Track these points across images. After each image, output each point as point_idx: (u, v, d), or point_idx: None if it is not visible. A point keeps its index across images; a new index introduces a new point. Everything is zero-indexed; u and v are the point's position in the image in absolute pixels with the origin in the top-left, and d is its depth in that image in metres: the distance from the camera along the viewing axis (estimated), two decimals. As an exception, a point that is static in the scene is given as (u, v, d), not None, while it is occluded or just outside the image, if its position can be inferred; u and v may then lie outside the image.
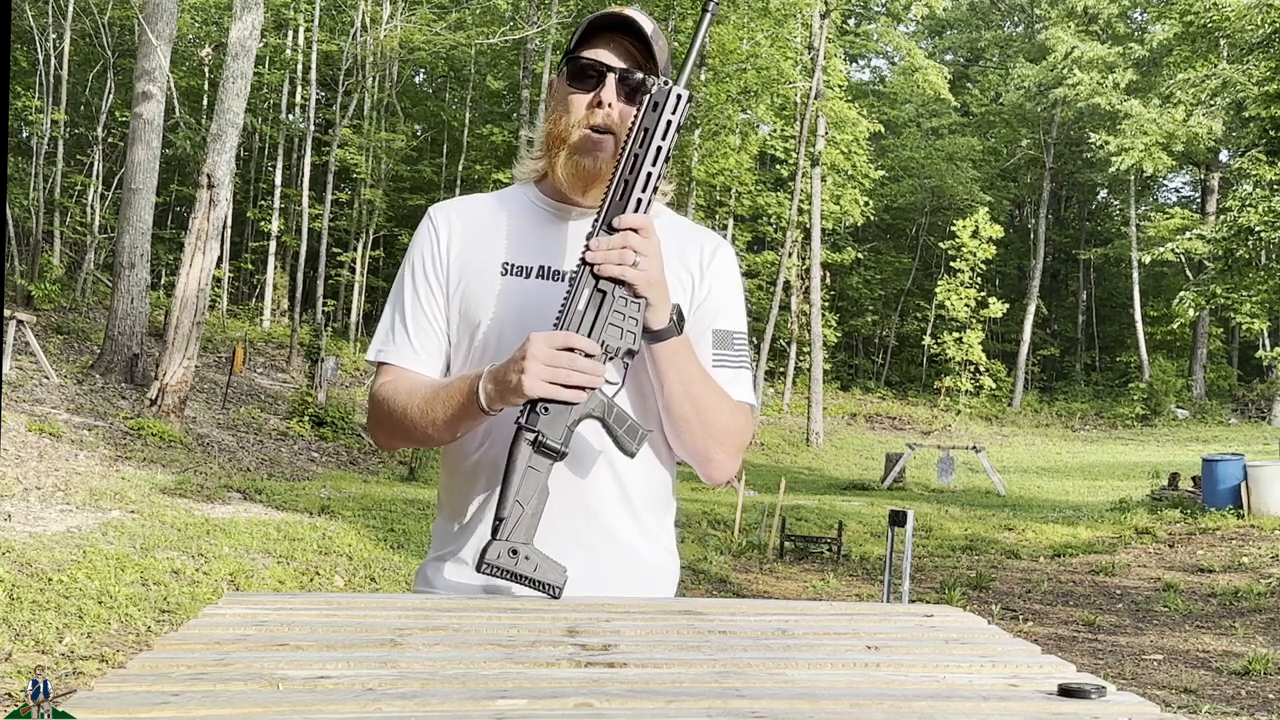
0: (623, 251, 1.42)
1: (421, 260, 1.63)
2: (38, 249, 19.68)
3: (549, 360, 1.40)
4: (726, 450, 1.59)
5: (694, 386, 1.54)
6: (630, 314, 1.45)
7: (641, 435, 1.48)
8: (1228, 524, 11.85)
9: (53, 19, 20.86)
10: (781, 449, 24.30)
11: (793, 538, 10.07)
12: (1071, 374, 40.45)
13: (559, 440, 1.43)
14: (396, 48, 25.02)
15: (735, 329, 1.64)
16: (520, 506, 1.43)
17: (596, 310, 1.44)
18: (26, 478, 8.47)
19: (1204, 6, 16.32)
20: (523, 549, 1.43)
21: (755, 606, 1.49)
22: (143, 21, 14.17)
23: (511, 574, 1.43)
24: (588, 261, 1.44)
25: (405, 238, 29.63)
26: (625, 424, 1.47)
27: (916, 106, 40.27)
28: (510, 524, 1.43)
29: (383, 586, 6.65)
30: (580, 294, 1.45)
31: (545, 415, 1.43)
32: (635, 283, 1.43)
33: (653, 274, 1.44)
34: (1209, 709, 5.17)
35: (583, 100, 1.56)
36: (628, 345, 1.45)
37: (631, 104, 1.55)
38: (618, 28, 1.56)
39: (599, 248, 1.43)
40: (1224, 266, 16.54)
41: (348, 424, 15.20)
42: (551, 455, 1.44)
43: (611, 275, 1.42)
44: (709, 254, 1.65)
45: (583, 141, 1.55)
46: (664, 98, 1.45)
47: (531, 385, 1.40)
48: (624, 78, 1.55)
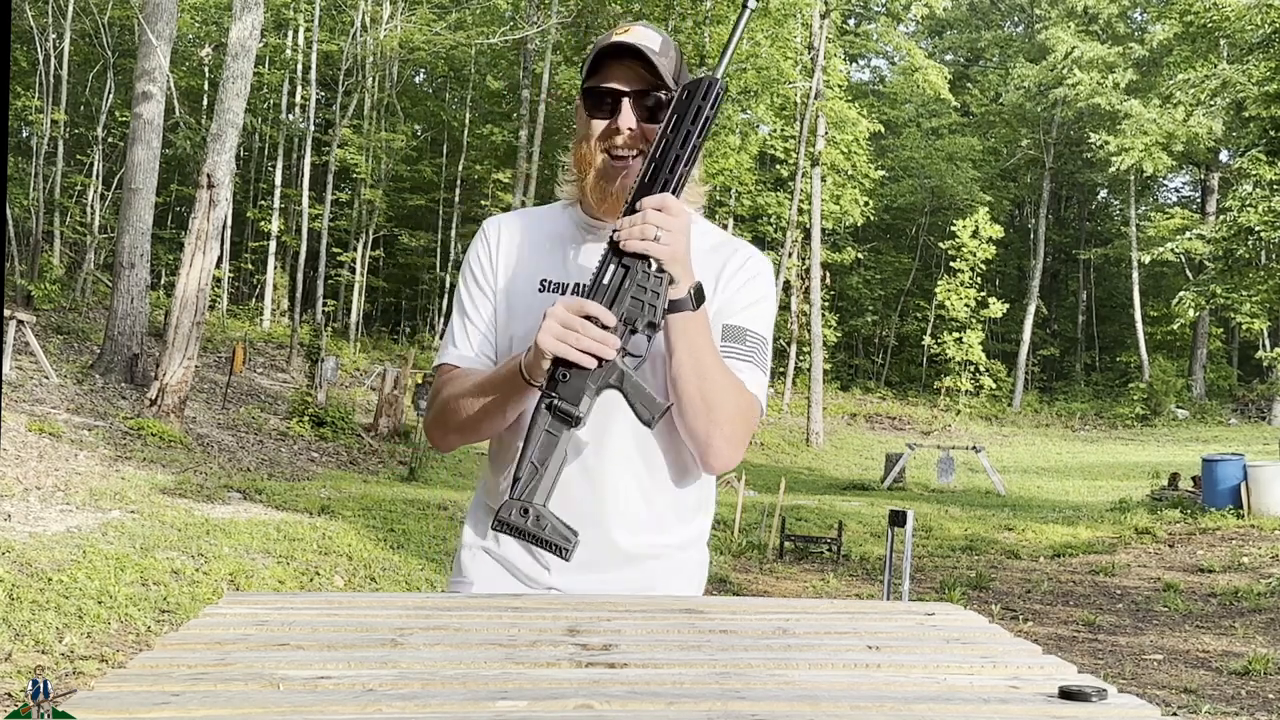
0: (644, 227, 1.45)
1: (473, 272, 1.73)
2: (38, 249, 19.68)
3: (564, 322, 1.46)
4: (727, 437, 1.59)
5: (703, 361, 1.55)
6: (652, 288, 1.48)
7: (661, 408, 1.50)
8: (1228, 524, 11.85)
9: (53, 19, 20.86)
10: (781, 449, 24.30)
11: (793, 538, 10.07)
12: (1071, 374, 40.45)
13: (576, 407, 1.47)
14: (396, 48, 25.02)
15: (750, 327, 1.66)
16: (535, 467, 1.48)
17: (619, 284, 1.48)
18: (26, 478, 8.47)
19: (1204, 6, 16.32)
20: (534, 509, 1.47)
21: (756, 605, 1.49)
22: (143, 21, 14.16)
23: (521, 531, 1.47)
24: (613, 239, 1.48)
25: (405, 238, 29.68)
26: (642, 395, 1.49)
27: (916, 106, 40.27)
28: (525, 484, 1.48)
29: (383, 586, 6.65)
30: (606, 269, 1.49)
31: (565, 383, 1.47)
32: (659, 256, 1.46)
33: (676, 249, 1.47)
34: (1209, 709, 5.17)
35: (600, 127, 1.61)
36: (649, 318, 1.48)
37: (652, 122, 1.59)
38: (625, 54, 1.59)
39: (624, 225, 1.47)
40: (1224, 266, 16.55)
41: (348, 424, 15.20)
42: (567, 420, 1.48)
43: (635, 250, 1.46)
44: (739, 263, 1.69)
45: (605, 166, 1.62)
46: (696, 86, 1.49)
47: (545, 340, 1.46)
48: (638, 99, 1.60)
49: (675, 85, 1.59)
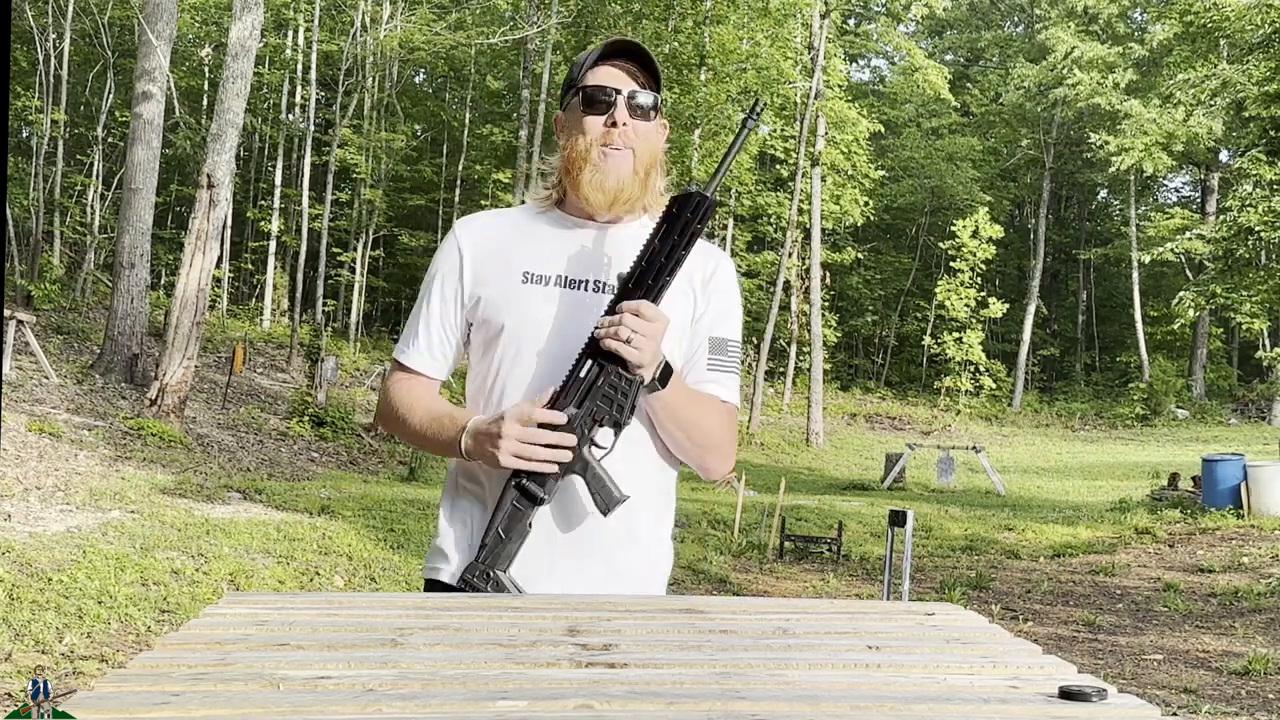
0: (621, 329, 1.55)
1: (441, 272, 1.77)
2: (38, 249, 19.68)
3: (520, 437, 1.57)
4: (717, 456, 1.74)
5: (682, 416, 1.68)
6: (622, 389, 1.58)
7: (617, 499, 1.60)
8: (1228, 524, 11.85)
9: (53, 19, 20.85)
10: (781, 449, 24.29)
11: (793, 538, 10.07)
12: (1071, 374, 40.44)
13: (541, 489, 1.60)
14: (396, 48, 25.01)
15: (731, 337, 1.78)
16: (500, 537, 1.60)
17: (594, 381, 1.58)
18: (26, 478, 8.47)
19: (1204, 6, 16.32)
20: (495, 575, 1.59)
21: (756, 605, 1.49)
22: (143, 21, 14.16)
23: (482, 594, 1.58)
24: (593, 336, 1.59)
25: (405, 238, 29.65)
26: (602, 487, 1.60)
27: (916, 106, 40.26)
28: (490, 550, 1.60)
29: (383, 586, 6.65)
30: (582, 364, 1.60)
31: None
32: (629, 359, 1.56)
33: (646, 354, 1.56)
34: (1209, 709, 5.17)
35: (598, 122, 1.69)
36: (616, 417, 1.59)
37: (644, 120, 1.70)
38: (620, 54, 1.71)
39: (603, 324, 1.58)
40: (1224, 266, 16.55)
41: (348, 424, 15.20)
42: (531, 500, 1.60)
43: (609, 349, 1.56)
44: (710, 271, 1.77)
45: (601, 159, 1.69)
46: (686, 201, 1.59)
47: (506, 460, 1.58)
48: (631, 98, 1.70)
49: (659, 91, 1.72)
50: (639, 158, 1.69)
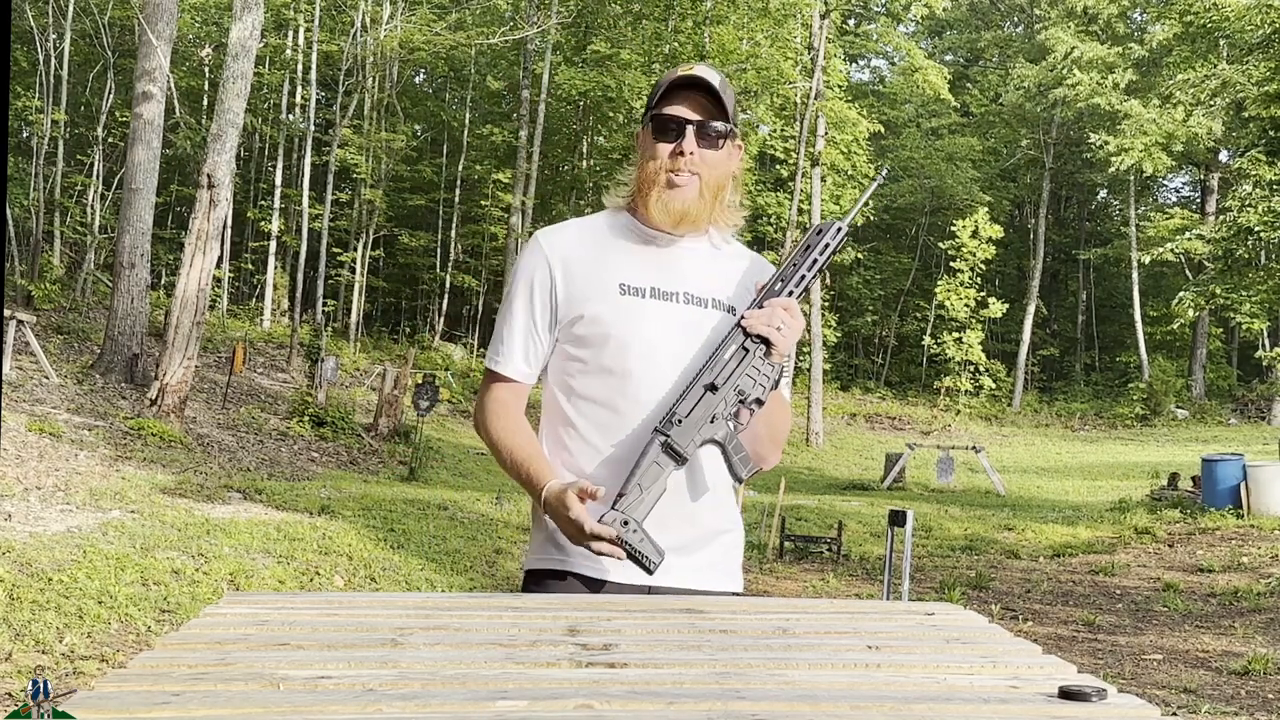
0: (773, 315, 1.72)
1: (530, 283, 1.87)
2: (38, 249, 19.67)
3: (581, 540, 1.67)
4: (778, 450, 1.93)
5: (774, 416, 1.85)
6: (765, 370, 1.73)
7: (753, 467, 1.77)
8: (1227, 524, 11.84)
9: (53, 19, 20.85)
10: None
11: (793, 538, 10.07)
12: (1071, 374, 40.42)
13: (684, 449, 1.69)
14: (396, 48, 25.00)
15: None
16: (640, 490, 1.67)
17: (739, 362, 1.72)
18: (26, 478, 8.47)
19: (1204, 6, 16.32)
20: (635, 523, 1.65)
21: (756, 605, 1.49)
22: (143, 21, 14.16)
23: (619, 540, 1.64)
24: (741, 324, 1.73)
25: (405, 238, 29.63)
26: (741, 454, 1.74)
27: (916, 106, 40.24)
28: (628, 500, 1.66)
29: (383, 586, 6.65)
30: (727, 347, 1.73)
31: (678, 427, 1.69)
32: (775, 343, 1.72)
33: (788, 345, 1.73)
34: (1209, 709, 5.17)
35: (666, 149, 1.82)
36: (757, 395, 1.73)
37: (711, 149, 1.83)
38: (692, 86, 1.82)
39: (753, 314, 1.73)
40: (1224, 266, 16.54)
41: (348, 424, 15.19)
42: (675, 459, 1.69)
43: (758, 332, 1.71)
44: (765, 277, 1.92)
45: (669, 185, 1.82)
46: (827, 226, 1.81)
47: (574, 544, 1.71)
48: (700, 128, 1.81)
49: (731, 119, 1.83)
50: (706, 182, 1.83)
